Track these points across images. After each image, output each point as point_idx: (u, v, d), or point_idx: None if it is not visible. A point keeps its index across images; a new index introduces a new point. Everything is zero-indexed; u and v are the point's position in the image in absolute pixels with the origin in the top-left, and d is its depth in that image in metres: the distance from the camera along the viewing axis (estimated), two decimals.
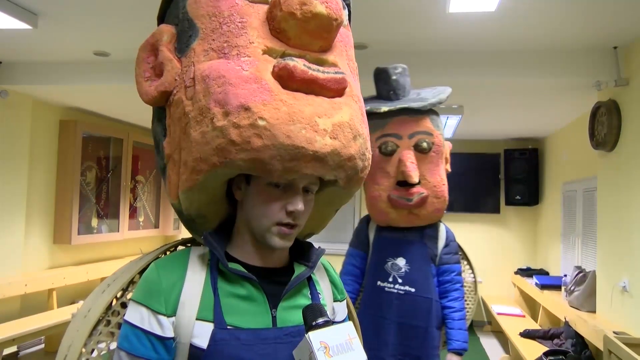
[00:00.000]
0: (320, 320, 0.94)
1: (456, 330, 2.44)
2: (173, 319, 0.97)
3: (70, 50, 4.10)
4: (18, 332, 4.13)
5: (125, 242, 6.56)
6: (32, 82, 4.51)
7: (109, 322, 1.13)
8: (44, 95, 5.03)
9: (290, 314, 1.03)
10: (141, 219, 6.75)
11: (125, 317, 0.98)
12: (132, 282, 1.17)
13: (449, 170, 2.63)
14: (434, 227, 2.59)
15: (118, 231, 6.20)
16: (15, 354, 4.93)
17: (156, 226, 7.06)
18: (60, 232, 5.46)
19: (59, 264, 5.56)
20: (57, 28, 3.59)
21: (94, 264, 5.81)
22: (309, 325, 0.94)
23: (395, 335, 2.48)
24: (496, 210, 7.01)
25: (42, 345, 5.25)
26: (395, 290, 2.51)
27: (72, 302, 5.60)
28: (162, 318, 0.96)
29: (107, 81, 4.38)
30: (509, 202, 6.80)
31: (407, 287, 2.49)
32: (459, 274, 2.53)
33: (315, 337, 0.90)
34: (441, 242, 2.57)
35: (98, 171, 5.94)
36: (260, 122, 0.90)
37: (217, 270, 1.02)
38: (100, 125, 6.00)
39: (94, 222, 5.88)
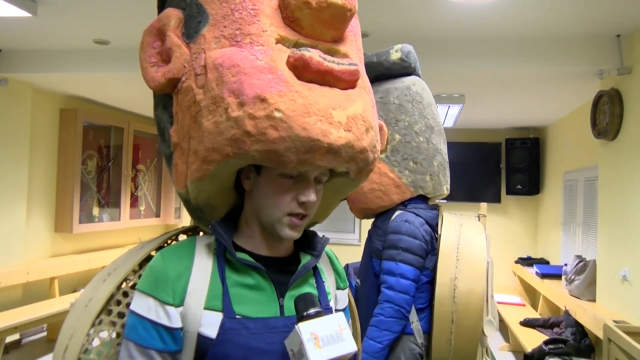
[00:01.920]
0: (311, 310, 0.95)
1: (365, 337, 2.03)
2: (180, 308, 0.96)
3: (70, 38, 4.08)
4: (20, 320, 4.17)
5: (127, 231, 6.57)
6: (32, 70, 4.50)
7: (110, 312, 1.12)
8: (44, 84, 5.02)
9: None
10: (142, 207, 6.76)
11: (132, 307, 0.98)
12: (133, 270, 1.17)
13: None
14: (383, 216, 2.26)
15: (119, 220, 6.21)
16: (18, 341, 4.95)
17: (157, 215, 7.07)
18: (61, 221, 5.48)
19: (60, 253, 5.58)
20: (56, 16, 3.57)
21: (96, 253, 5.83)
22: (300, 316, 0.95)
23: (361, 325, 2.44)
24: (497, 199, 7.01)
25: (45, 333, 5.29)
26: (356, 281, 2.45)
27: (74, 291, 5.63)
28: (170, 308, 0.96)
29: (108, 69, 4.37)
30: (509, 192, 6.80)
31: (358, 279, 2.42)
32: (388, 272, 2.08)
33: (305, 328, 0.91)
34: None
35: (99, 160, 5.93)
36: (277, 114, 0.89)
37: (225, 259, 1.02)
38: (101, 113, 5.99)
39: (95, 210, 5.89)
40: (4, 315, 4.27)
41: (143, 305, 0.97)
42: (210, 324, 0.95)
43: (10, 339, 4.62)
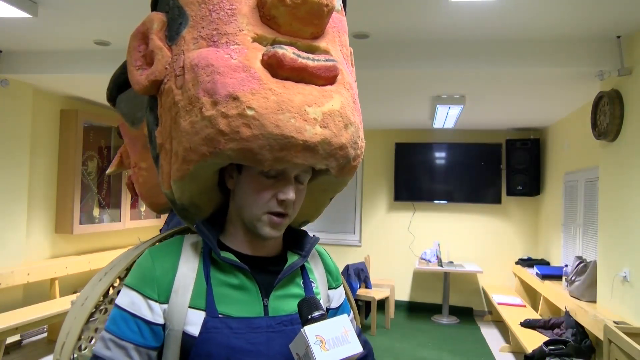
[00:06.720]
0: (315, 313, 0.95)
1: None
2: (165, 306, 0.97)
3: (71, 39, 4.09)
4: (21, 320, 4.17)
5: (127, 232, 6.58)
6: (33, 72, 4.51)
7: (106, 310, 1.13)
8: (45, 85, 5.03)
9: (283, 302, 1.03)
10: (142, 208, 6.77)
11: (116, 301, 0.99)
12: (128, 270, 1.18)
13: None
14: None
15: (120, 221, 6.23)
16: (18, 342, 4.96)
17: (157, 216, 7.06)
18: (62, 222, 5.48)
19: (61, 254, 5.59)
20: (57, 17, 3.58)
21: (96, 254, 5.84)
22: (305, 319, 0.95)
23: None
24: (497, 200, 7.01)
25: (45, 334, 5.29)
26: None
27: (75, 292, 5.64)
28: (154, 304, 0.97)
29: (108, 70, 4.34)
30: (510, 193, 6.80)
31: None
32: None
33: (310, 331, 0.91)
34: None
35: (99, 161, 5.95)
36: (249, 112, 0.89)
37: (210, 258, 1.02)
38: (101, 114, 6.00)
39: (96, 211, 5.90)
40: (5, 316, 4.27)
41: (127, 299, 0.98)
42: (194, 323, 0.96)
43: (10, 339, 4.63)
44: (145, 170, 2.06)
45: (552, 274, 5.30)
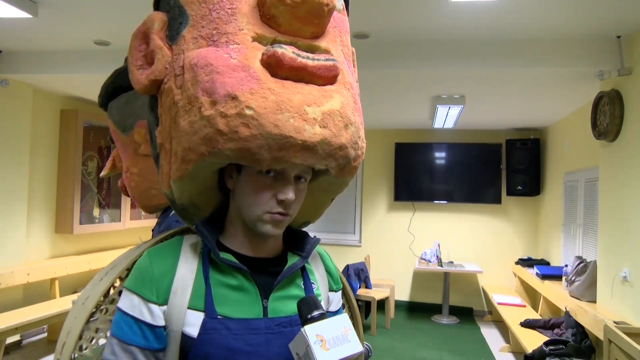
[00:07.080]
0: (315, 313, 0.94)
1: None
2: (164, 307, 0.97)
3: (71, 39, 4.09)
4: (21, 321, 4.17)
5: (127, 232, 6.58)
6: (33, 72, 4.51)
7: (106, 310, 1.13)
8: (45, 85, 5.03)
9: (283, 304, 1.03)
10: None
11: (118, 305, 0.99)
12: (128, 270, 1.18)
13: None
14: (166, 212, 2.23)
15: (120, 221, 6.22)
16: (18, 342, 4.96)
17: (157, 216, 7.06)
18: (62, 222, 5.49)
19: (61, 254, 5.59)
20: (57, 17, 3.58)
21: (96, 254, 5.84)
22: (305, 319, 0.94)
23: None
24: (497, 200, 7.01)
25: (45, 334, 5.29)
26: None
27: (75, 292, 5.64)
28: (153, 306, 0.97)
29: (108, 70, 4.31)
30: (510, 193, 6.80)
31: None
32: None
33: (311, 330, 0.91)
34: None
35: (99, 161, 5.94)
36: (248, 112, 0.89)
37: (209, 259, 1.02)
38: (101, 114, 5.97)
39: (96, 211, 5.90)
40: (5, 316, 4.27)
41: (128, 302, 0.98)
42: (192, 324, 0.96)
43: (10, 339, 4.63)
44: (137, 175, 2.08)
45: (552, 274, 5.30)
